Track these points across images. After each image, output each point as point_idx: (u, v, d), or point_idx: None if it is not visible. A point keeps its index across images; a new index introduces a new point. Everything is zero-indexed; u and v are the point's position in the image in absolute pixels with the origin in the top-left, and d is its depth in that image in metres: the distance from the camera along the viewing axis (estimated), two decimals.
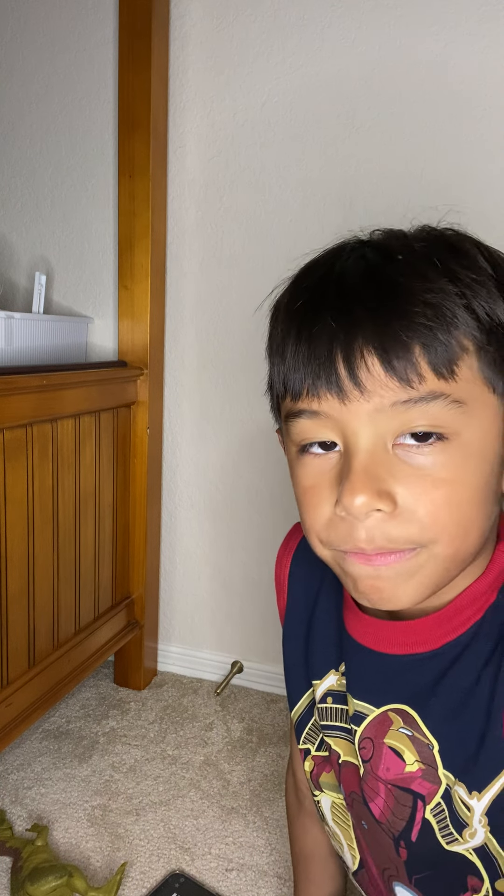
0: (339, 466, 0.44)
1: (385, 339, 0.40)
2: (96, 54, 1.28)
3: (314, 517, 0.45)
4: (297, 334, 0.44)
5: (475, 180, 1.10)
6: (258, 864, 0.93)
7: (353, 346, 0.41)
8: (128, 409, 1.25)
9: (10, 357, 1.09)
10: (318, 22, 1.14)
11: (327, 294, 0.43)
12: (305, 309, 0.44)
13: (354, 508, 0.41)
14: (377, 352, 0.40)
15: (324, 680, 0.57)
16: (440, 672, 0.47)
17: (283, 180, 1.21)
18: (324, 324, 0.42)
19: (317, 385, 0.42)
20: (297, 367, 0.43)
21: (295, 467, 0.47)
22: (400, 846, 0.51)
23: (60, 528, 1.08)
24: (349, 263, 0.44)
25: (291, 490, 1.40)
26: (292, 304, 0.46)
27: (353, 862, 0.58)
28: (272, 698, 1.35)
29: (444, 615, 0.47)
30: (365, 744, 0.52)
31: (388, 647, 0.50)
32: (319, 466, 0.45)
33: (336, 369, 0.41)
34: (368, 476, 0.41)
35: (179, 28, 1.22)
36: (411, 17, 1.09)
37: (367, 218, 1.16)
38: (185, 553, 1.41)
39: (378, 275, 0.42)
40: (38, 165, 1.35)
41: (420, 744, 0.48)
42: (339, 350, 0.41)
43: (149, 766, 1.12)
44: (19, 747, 1.15)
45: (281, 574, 0.64)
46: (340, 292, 0.43)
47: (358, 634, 0.52)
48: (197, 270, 1.29)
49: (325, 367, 0.42)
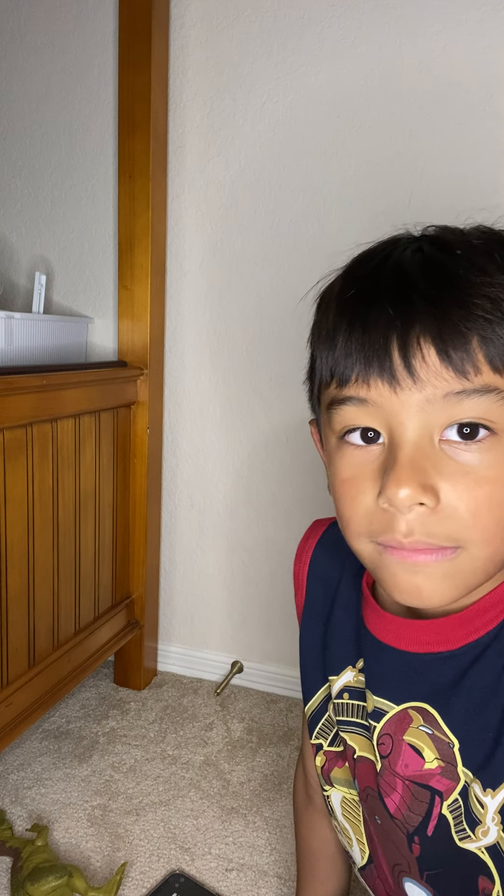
0: (382, 459, 0.43)
1: (443, 329, 0.40)
2: (96, 54, 1.28)
3: (353, 508, 0.45)
4: (351, 321, 0.43)
5: (475, 180, 1.10)
6: (258, 864, 0.93)
7: (410, 334, 0.40)
8: (128, 409, 1.25)
9: (10, 357, 1.09)
10: (318, 22, 1.14)
11: (384, 282, 0.43)
12: (360, 295, 0.43)
13: (399, 500, 0.40)
14: (434, 341, 0.40)
15: (340, 676, 0.57)
16: (461, 671, 0.47)
17: (283, 180, 1.21)
18: (381, 311, 0.41)
19: (368, 372, 0.42)
20: (349, 354, 0.43)
21: (334, 458, 0.46)
22: (414, 842, 0.51)
23: (60, 528, 1.08)
24: (406, 254, 0.43)
25: (291, 490, 1.41)
26: (346, 291, 0.45)
27: (361, 857, 0.58)
28: (272, 698, 1.35)
29: (468, 616, 0.47)
30: (384, 740, 0.52)
31: (410, 645, 0.50)
32: (360, 458, 0.44)
33: (391, 357, 0.41)
34: (414, 469, 0.41)
35: (179, 28, 1.22)
36: (411, 17, 1.09)
37: (368, 218, 1.17)
38: (185, 553, 1.41)
39: (437, 266, 0.42)
40: (38, 165, 1.35)
41: (440, 742, 0.48)
42: (395, 337, 0.41)
43: (149, 766, 1.12)
44: (19, 747, 1.15)
45: (300, 570, 0.64)
46: (398, 280, 0.42)
47: (378, 632, 0.52)
48: (197, 270, 1.29)
49: (378, 355, 0.41)
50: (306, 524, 1.33)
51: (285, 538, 1.33)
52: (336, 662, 0.58)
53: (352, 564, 0.59)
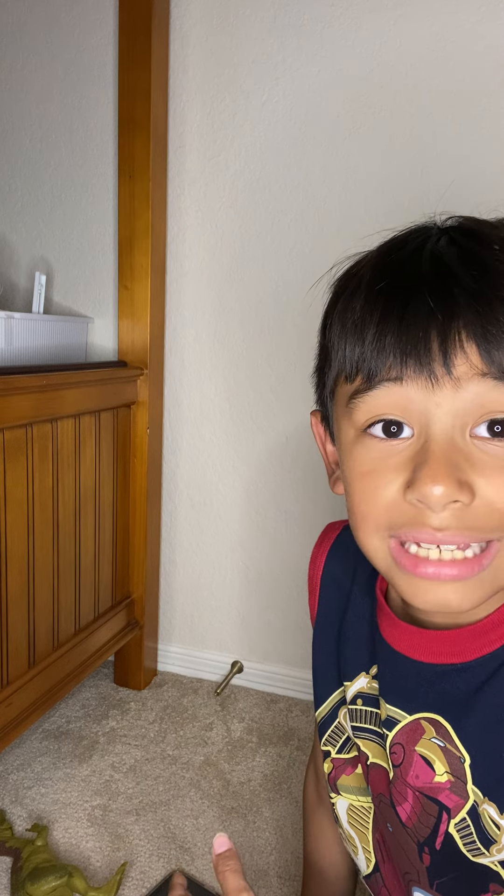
0: (408, 453, 0.41)
1: (487, 326, 0.38)
2: (96, 54, 1.28)
3: (372, 502, 0.42)
4: (385, 313, 0.41)
5: (475, 180, 1.10)
6: (258, 864, 0.93)
7: (451, 330, 0.38)
8: (128, 409, 1.25)
9: (10, 357, 1.09)
10: (318, 22, 1.14)
11: (422, 272, 0.40)
12: (395, 286, 0.41)
13: (434, 498, 0.38)
14: (476, 338, 0.38)
15: (354, 681, 0.56)
16: (477, 685, 0.46)
17: (283, 180, 1.21)
18: (420, 302, 0.39)
19: (404, 366, 0.40)
20: (383, 347, 0.40)
21: (352, 451, 0.44)
22: (424, 852, 0.50)
23: (60, 528, 1.08)
24: (441, 244, 0.41)
25: (291, 490, 1.41)
26: (377, 281, 0.42)
27: (367, 866, 0.57)
28: (272, 698, 1.35)
29: (481, 628, 0.47)
30: (396, 749, 0.51)
31: (424, 655, 0.49)
32: (383, 451, 0.42)
33: (430, 351, 0.39)
34: (449, 464, 0.39)
35: (179, 28, 1.22)
36: (411, 17, 1.09)
37: (368, 218, 1.17)
38: (185, 553, 1.41)
39: (478, 260, 0.40)
40: (38, 165, 1.35)
41: (451, 755, 0.47)
42: (435, 332, 0.39)
43: (149, 766, 1.12)
44: (19, 747, 1.15)
45: (314, 574, 0.63)
46: (438, 272, 0.40)
47: (392, 640, 0.51)
48: (197, 270, 1.29)
49: (416, 349, 0.39)
50: (306, 524, 1.34)
51: (285, 538, 1.33)
52: (350, 668, 0.57)
53: (364, 569, 0.57)
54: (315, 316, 0.49)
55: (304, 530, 1.31)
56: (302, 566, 1.32)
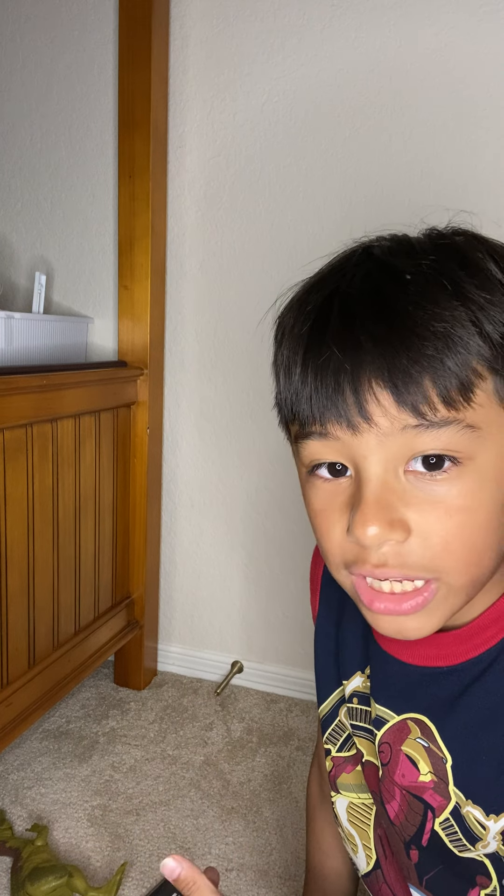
0: (350, 491, 0.43)
1: (394, 373, 0.39)
2: (96, 54, 1.28)
3: (327, 541, 0.45)
4: (304, 361, 0.42)
5: (475, 180, 1.10)
6: (258, 864, 0.93)
7: (361, 379, 0.39)
8: (128, 409, 1.25)
9: (10, 357, 1.09)
10: (318, 22, 1.14)
11: (331, 320, 0.41)
12: (311, 334, 0.42)
13: (367, 539, 0.40)
14: (387, 386, 0.39)
15: (351, 680, 0.58)
16: (462, 688, 0.47)
17: (283, 180, 1.21)
18: (329, 353, 0.40)
19: (325, 416, 0.41)
20: (305, 396, 0.42)
21: (305, 488, 0.46)
22: (411, 849, 0.51)
23: (60, 528, 1.08)
24: (354, 283, 0.42)
25: (291, 490, 1.40)
26: (297, 327, 0.44)
27: (367, 864, 0.58)
28: (272, 698, 1.35)
29: (466, 633, 0.47)
30: (384, 748, 0.52)
31: (412, 657, 0.50)
32: (329, 491, 0.44)
33: (345, 402, 0.40)
34: (380, 506, 0.40)
35: (179, 28, 1.22)
36: (411, 17, 1.09)
37: (367, 219, 1.17)
38: (185, 553, 1.41)
39: (384, 300, 0.40)
40: (38, 165, 1.35)
41: (435, 756, 0.49)
42: (347, 383, 0.40)
43: (149, 766, 1.12)
44: (19, 747, 1.15)
45: (315, 573, 0.65)
46: (344, 318, 0.41)
47: (383, 642, 0.53)
48: (197, 270, 1.29)
49: (332, 400, 0.40)
50: (306, 524, 1.33)
51: (285, 538, 1.33)
52: (348, 667, 0.58)
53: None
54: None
55: (304, 530, 1.31)
56: (302, 566, 1.32)
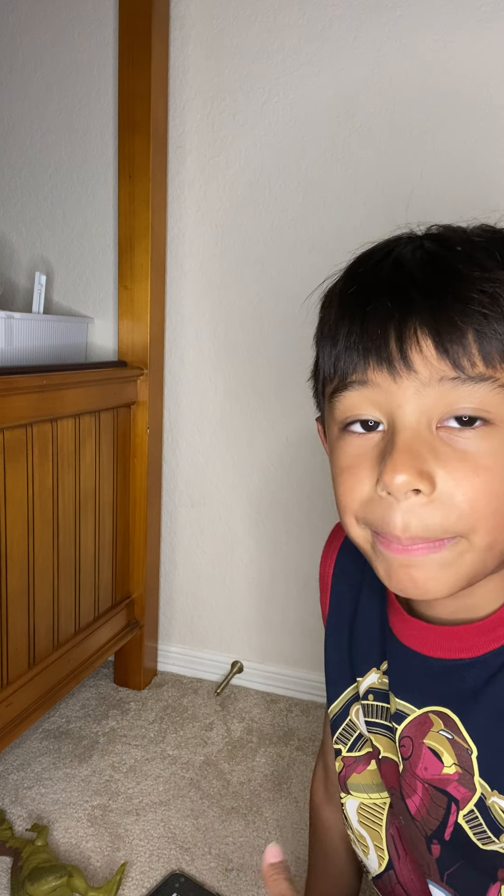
0: (381, 446, 0.44)
1: (440, 322, 0.40)
2: (96, 54, 1.28)
3: (351, 496, 0.45)
4: (352, 316, 0.44)
5: (475, 179, 1.10)
6: (258, 864, 0.93)
7: (407, 325, 0.41)
8: (128, 409, 1.25)
9: (10, 357, 1.09)
10: (318, 22, 1.14)
11: (383, 277, 0.44)
12: (360, 291, 0.44)
13: (395, 486, 0.41)
14: (431, 334, 0.40)
15: (366, 677, 0.57)
16: (484, 680, 0.48)
17: (283, 180, 1.21)
18: (378, 303, 0.42)
19: (367, 361, 0.43)
20: (349, 347, 0.44)
21: (335, 448, 0.47)
22: (433, 843, 0.51)
23: (60, 528, 1.08)
24: (406, 251, 0.44)
25: (291, 489, 1.41)
26: (347, 289, 0.46)
27: (379, 864, 0.58)
28: (272, 698, 1.35)
29: (489, 624, 0.48)
30: (405, 742, 0.52)
31: (432, 650, 0.50)
32: (360, 446, 0.45)
33: (388, 347, 0.42)
34: (411, 454, 0.41)
35: (179, 28, 1.22)
36: (411, 17, 1.09)
37: (368, 219, 1.17)
38: (185, 553, 1.41)
39: (436, 260, 0.42)
40: (38, 165, 1.35)
41: (459, 747, 0.49)
42: (392, 329, 0.41)
43: (149, 766, 1.12)
44: (19, 747, 1.15)
45: (325, 572, 0.65)
46: (397, 275, 0.43)
47: (402, 636, 0.53)
48: (197, 270, 1.29)
49: (376, 345, 0.42)
50: (306, 524, 1.34)
51: (285, 538, 1.33)
52: (362, 664, 0.58)
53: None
54: (315, 316, 0.51)
55: (304, 530, 1.31)
56: (301, 566, 1.32)
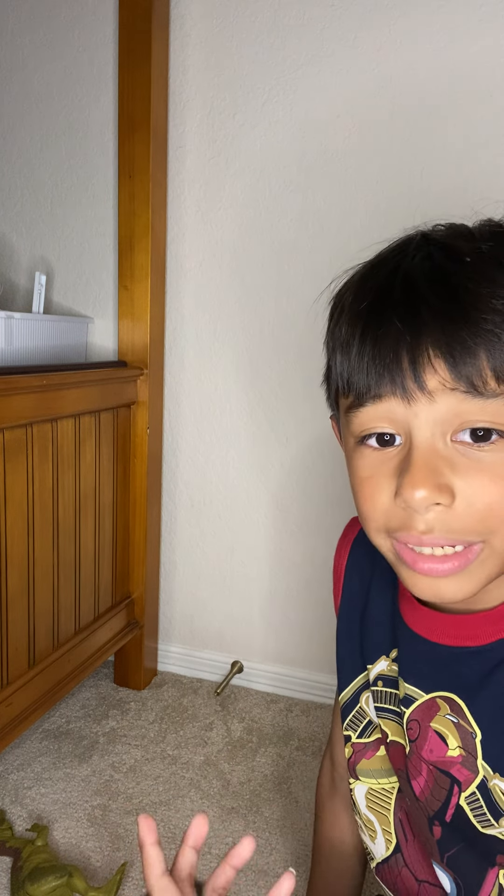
0: (399, 459, 0.45)
1: (452, 344, 0.41)
2: (96, 54, 1.28)
3: (372, 506, 0.46)
4: (363, 335, 0.45)
5: (475, 179, 1.10)
6: (258, 864, 0.93)
7: (420, 348, 0.42)
8: (128, 409, 1.25)
9: (10, 357, 1.09)
10: (318, 22, 1.14)
11: (393, 294, 0.44)
12: (371, 309, 0.45)
13: (415, 502, 0.42)
14: (444, 356, 0.41)
15: (376, 664, 0.59)
16: (490, 667, 0.49)
17: (283, 180, 1.21)
18: (390, 325, 0.43)
19: (381, 384, 0.44)
20: (362, 368, 0.44)
21: (352, 458, 0.49)
22: (434, 825, 0.53)
23: (60, 528, 1.08)
24: (415, 262, 0.44)
25: (291, 489, 1.41)
26: (357, 303, 0.46)
27: (386, 848, 0.59)
28: (272, 698, 1.35)
29: (497, 614, 0.49)
30: (412, 725, 0.54)
31: (441, 637, 0.52)
32: (378, 459, 0.46)
33: (402, 371, 0.42)
34: (429, 470, 0.42)
35: (179, 28, 1.22)
36: (411, 17, 1.09)
37: (368, 218, 1.17)
38: (185, 553, 1.41)
39: (445, 277, 0.43)
40: (38, 165, 1.35)
41: (464, 731, 0.50)
42: (405, 352, 0.42)
43: (149, 766, 1.12)
44: (19, 747, 1.15)
45: (339, 563, 0.67)
46: (407, 293, 0.43)
47: (412, 623, 0.55)
48: (197, 270, 1.29)
49: (389, 369, 0.43)
50: (306, 523, 1.34)
51: (285, 537, 1.33)
52: (372, 651, 0.60)
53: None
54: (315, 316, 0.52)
55: (304, 530, 1.31)
56: (302, 566, 1.32)
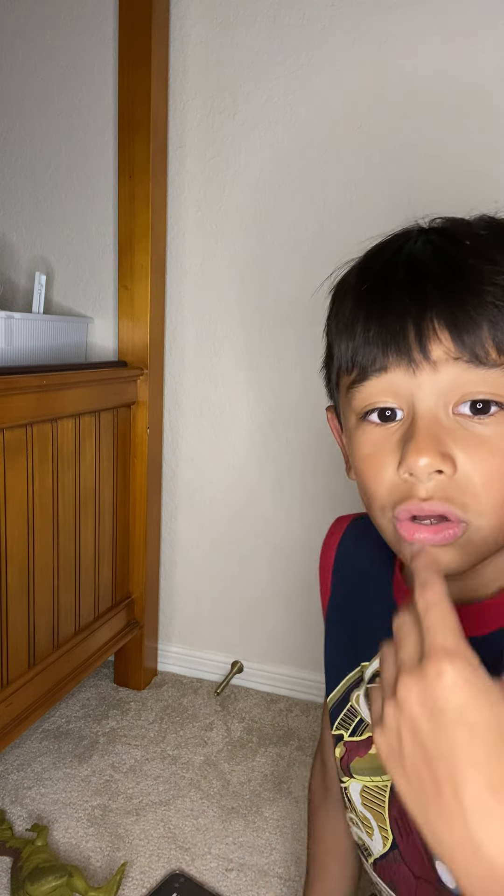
0: (401, 433, 0.46)
1: (456, 316, 0.43)
2: (96, 54, 1.28)
3: (377, 480, 0.47)
4: (369, 312, 0.46)
5: (475, 179, 1.10)
6: (258, 864, 0.93)
7: (425, 319, 0.43)
8: (128, 409, 1.25)
9: (10, 357, 1.09)
10: (318, 22, 1.14)
11: (398, 273, 0.46)
12: (375, 287, 0.46)
13: (419, 468, 0.43)
14: (448, 326, 0.43)
15: (373, 662, 0.59)
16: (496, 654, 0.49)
17: (283, 180, 1.21)
18: (396, 300, 0.45)
19: (387, 354, 0.45)
20: (368, 342, 0.46)
21: (354, 437, 0.49)
22: None
23: (60, 528, 1.08)
24: (417, 246, 0.46)
25: (291, 489, 1.40)
26: (361, 284, 0.48)
27: (383, 845, 0.59)
28: (272, 698, 1.35)
29: (494, 603, 0.50)
30: None
31: None
32: (380, 434, 0.47)
33: (407, 340, 0.44)
34: (432, 438, 0.44)
35: (179, 28, 1.22)
36: (411, 17, 1.09)
37: (367, 217, 1.17)
38: (185, 553, 1.41)
39: (448, 256, 0.45)
40: (38, 165, 1.35)
41: None
42: (411, 324, 0.44)
43: (149, 766, 1.12)
44: (19, 747, 1.15)
45: (326, 562, 0.67)
46: (412, 270, 0.45)
47: None
48: (197, 270, 1.29)
49: (396, 340, 0.44)
50: (306, 523, 1.33)
51: (285, 537, 1.33)
52: (370, 648, 0.60)
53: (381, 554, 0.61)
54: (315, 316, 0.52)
55: (304, 530, 1.31)
56: (301, 565, 1.32)
